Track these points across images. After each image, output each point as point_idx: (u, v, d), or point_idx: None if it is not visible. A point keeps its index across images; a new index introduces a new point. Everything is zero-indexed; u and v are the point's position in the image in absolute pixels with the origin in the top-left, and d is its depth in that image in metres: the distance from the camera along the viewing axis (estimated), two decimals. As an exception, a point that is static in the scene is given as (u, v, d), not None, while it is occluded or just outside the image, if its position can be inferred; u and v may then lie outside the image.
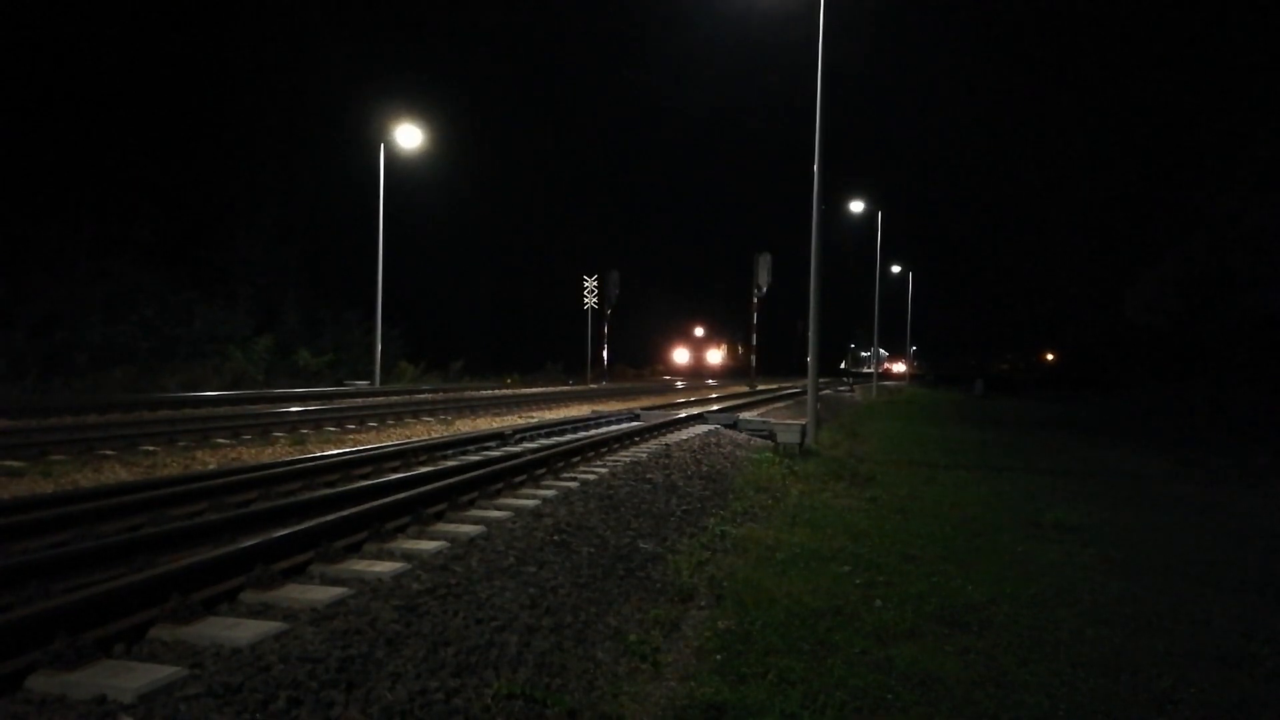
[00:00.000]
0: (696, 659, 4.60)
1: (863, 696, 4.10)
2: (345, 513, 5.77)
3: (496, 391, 30.47)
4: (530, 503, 7.40)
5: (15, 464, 9.32)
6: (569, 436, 13.13)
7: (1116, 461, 15.80)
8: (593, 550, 6.26)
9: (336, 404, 20.96)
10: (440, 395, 26.28)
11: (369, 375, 32.96)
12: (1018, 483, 11.93)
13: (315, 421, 14.98)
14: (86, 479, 8.62)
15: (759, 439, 15.38)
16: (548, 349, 55.37)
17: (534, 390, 32.04)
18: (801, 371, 49.92)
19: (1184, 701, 4.20)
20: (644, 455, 10.97)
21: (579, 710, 3.81)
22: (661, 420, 15.24)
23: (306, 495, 7.03)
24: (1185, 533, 8.63)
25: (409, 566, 5.11)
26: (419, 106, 36.56)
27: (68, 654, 3.37)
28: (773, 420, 16.65)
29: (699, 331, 79.87)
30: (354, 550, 5.52)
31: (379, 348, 32.10)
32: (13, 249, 27.74)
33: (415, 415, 17.67)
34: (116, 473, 9.22)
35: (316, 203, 42.51)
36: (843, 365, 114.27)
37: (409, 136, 32.32)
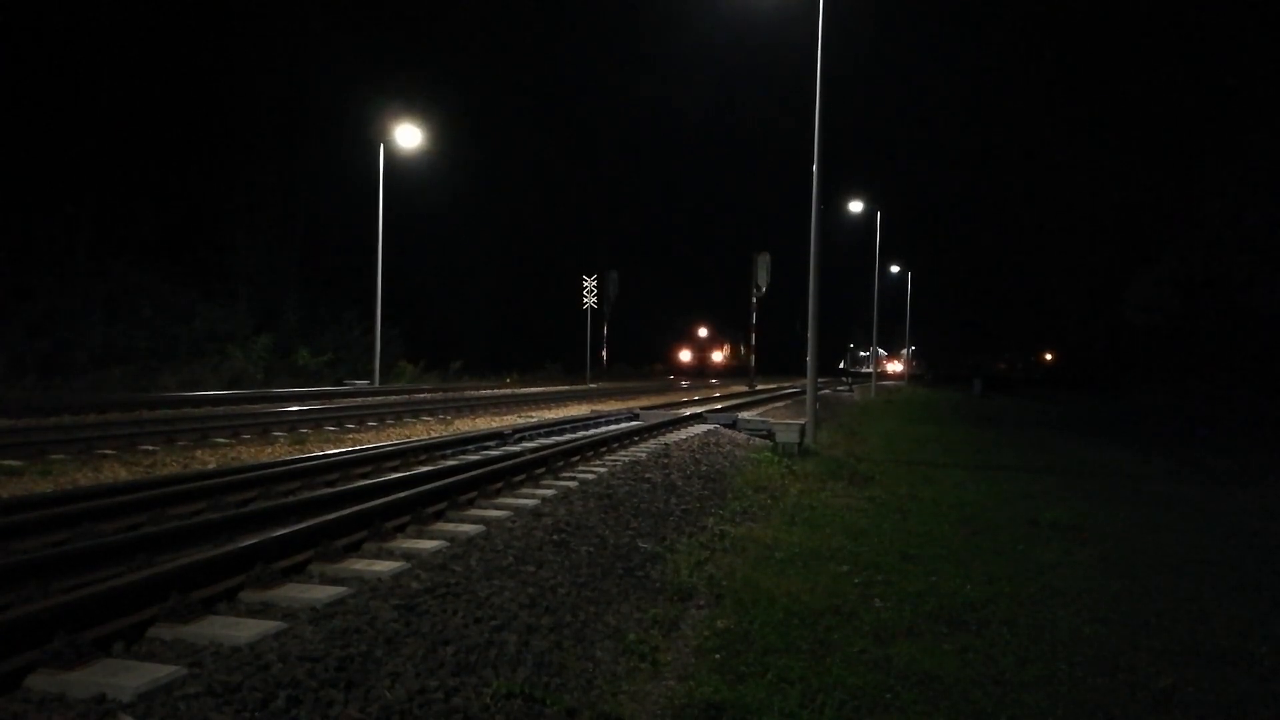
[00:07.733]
0: (695, 658, 4.61)
1: (861, 696, 4.11)
2: (344, 512, 5.77)
3: (496, 391, 30.46)
4: (529, 502, 7.40)
5: (14, 463, 9.32)
6: (568, 436, 13.13)
7: (1114, 461, 15.80)
8: (592, 549, 6.26)
9: (336, 403, 20.96)
10: (439, 395, 26.27)
11: (368, 375, 32.95)
12: (1016, 482, 11.94)
13: (315, 421, 14.99)
14: (86, 478, 8.63)
15: (758, 439, 15.38)
16: (547, 349, 55.42)
17: (533, 390, 32.02)
18: (800, 371, 49.95)
19: (1182, 700, 4.20)
20: (643, 455, 10.97)
21: (578, 709, 3.82)
22: (660, 420, 15.24)
23: (306, 494, 7.04)
24: (1183, 532, 8.64)
25: (408, 566, 5.11)
26: (418, 106, 36.53)
27: (67, 653, 3.37)
28: (772, 420, 16.66)
29: (698, 331, 79.82)
30: (353, 549, 5.52)
31: (378, 347, 32.09)
32: (13, 249, 27.72)
33: (415, 415, 17.68)
34: (116, 472, 9.23)
35: (316, 202, 42.50)
36: (841, 365, 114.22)
37: (408, 136, 32.35)
